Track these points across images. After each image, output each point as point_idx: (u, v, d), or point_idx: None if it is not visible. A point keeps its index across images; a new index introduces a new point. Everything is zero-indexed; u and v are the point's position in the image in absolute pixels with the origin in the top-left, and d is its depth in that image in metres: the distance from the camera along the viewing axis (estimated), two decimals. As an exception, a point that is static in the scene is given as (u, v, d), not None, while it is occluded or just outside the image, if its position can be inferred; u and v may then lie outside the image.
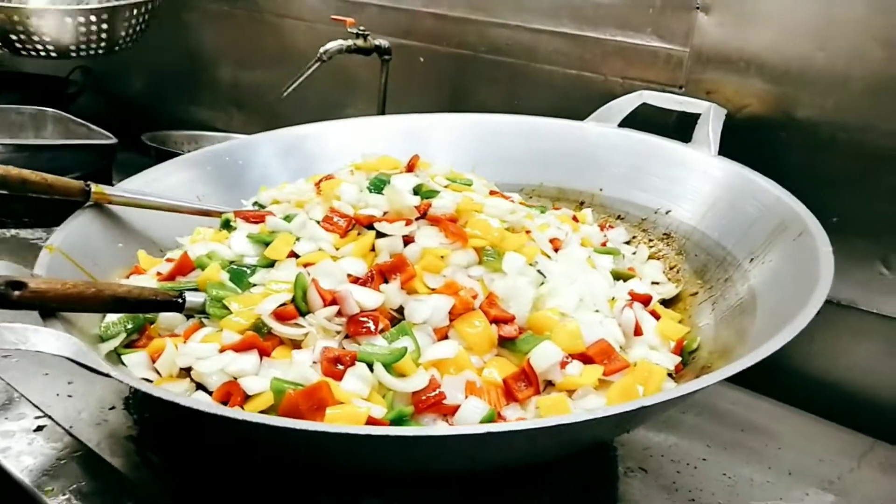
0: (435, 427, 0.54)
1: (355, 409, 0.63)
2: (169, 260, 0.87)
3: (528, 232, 0.87)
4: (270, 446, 0.62)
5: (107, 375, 0.59)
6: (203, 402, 0.62)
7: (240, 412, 0.54)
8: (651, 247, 1.02)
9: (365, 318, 0.73)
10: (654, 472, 0.82)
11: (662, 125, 1.15)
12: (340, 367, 0.68)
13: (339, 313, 0.73)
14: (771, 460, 0.86)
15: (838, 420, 0.95)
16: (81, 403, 0.84)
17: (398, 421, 0.64)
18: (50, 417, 0.80)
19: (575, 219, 1.04)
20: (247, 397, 0.67)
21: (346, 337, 0.74)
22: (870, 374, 1.02)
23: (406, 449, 0.53)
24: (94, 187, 0.91)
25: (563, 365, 0.72)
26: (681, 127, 1.13)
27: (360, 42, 1.40)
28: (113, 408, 0.84)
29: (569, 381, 0.71)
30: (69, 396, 0.85)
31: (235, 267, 0.81)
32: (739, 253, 0.88)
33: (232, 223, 0.94)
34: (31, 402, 0.82)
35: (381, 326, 0.72)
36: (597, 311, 0.80)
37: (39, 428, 0.79)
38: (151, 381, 0.71)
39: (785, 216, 0.84)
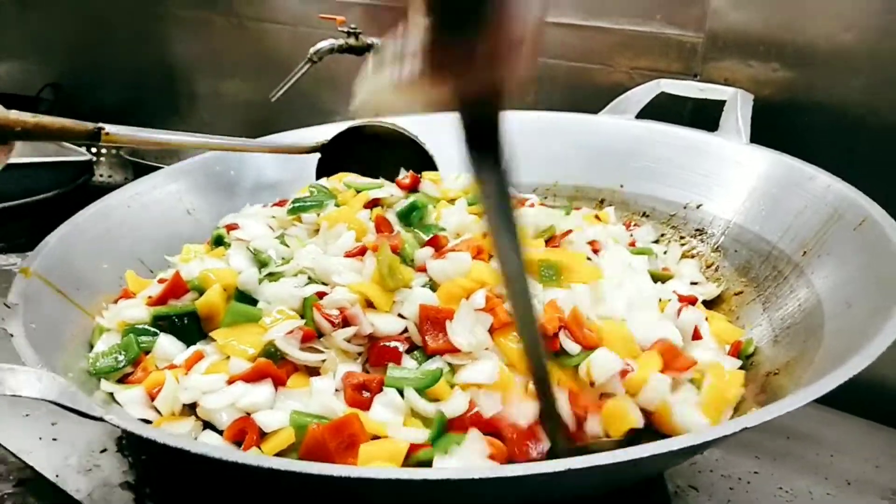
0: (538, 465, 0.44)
1: (394, 443, 0.54)
2: (161, 281, 0.78)
3: (564, 235, 0.79)
4: (303, 495, 0.53)
5: (100, 419, 0.50)
6: (219, 448, 0.53)
7: (268, 459, 0.45)
8: (683, 244, 0.95)
9: (389, 343, 0.64)
10: (706, 490, 0.76)
11: (676, 118, 1.08)
12: (366, 394, 0.60)
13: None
14: (826, 470, 0.80)
15: (885, 422, 0.88)
16: (68, 448, 0.74)
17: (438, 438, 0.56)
18: (32, 469, 0.70)
19: (597, 218, 0.96)
20: (263, 434, 0.58)
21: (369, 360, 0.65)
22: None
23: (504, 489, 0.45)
24: (105, 128, 0.79)
25: (624, 374, 0.64)
26: (695, 120, 1.07)
27: (351, 41, 1.32)
28: (104, 451, 0.74)
29: (631, 383, 0.63)
30: (54, 440, 0.76)
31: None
32: (787, 246, 0.81)
33: (225, 239, 0.85)
34: (8, 450, 0.72)
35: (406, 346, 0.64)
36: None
37: (21, 482, 0.69)
38: (150, 422, 0.62)
39: (838, 204, 0.77)
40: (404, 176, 0.95)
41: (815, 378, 0.55)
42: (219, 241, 0.86)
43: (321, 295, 0.69)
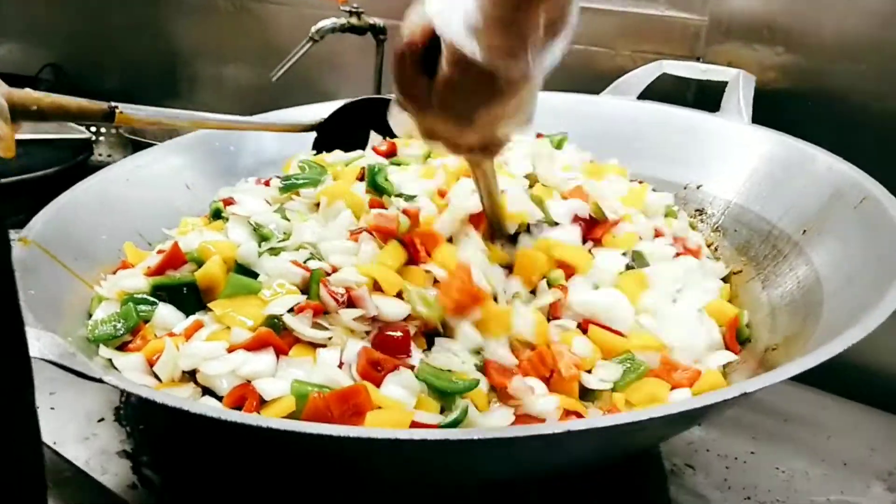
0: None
1: (401, 412, 0.55)
2: (160, 252, 0.77)
3: (613, 225, 0.80)
4: (301, 460, 0.53)
5: (99, 381, 0.50)
6: (217, 409, 0.53)
7: (267, 419, 0.45)
8: (684, 224, 0.95)
9: (395, 333, 0.64)
10: (703, 469, 0.77)
11: (680, 102, 1.08)
12: (380, 370, 0.60)
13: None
14: (822, 451, 0.80)
15: (881, 406, 0.88)
16: (66, 416, 0.75)
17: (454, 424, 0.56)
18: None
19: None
20: (263, 402, 0.58)
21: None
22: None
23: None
24: (119, 108, 0.80)
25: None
26: (699, 104, 1.07)
27: (353, 20, 1.32)
28: (102, 420, 0.75)
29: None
30: (52, 409, 0.76)
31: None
32: (788, 226, 0.81)
33: (223, 213, 0.85)
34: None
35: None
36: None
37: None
38: (150, 387, 0.62)
39: (840, 184, 0.78)
40: (381, 142, 0.95)
41: (813, 350, 0.55)
42: (217, 215, 0.86)
43: (329, 272, 0.69)
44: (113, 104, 0.79)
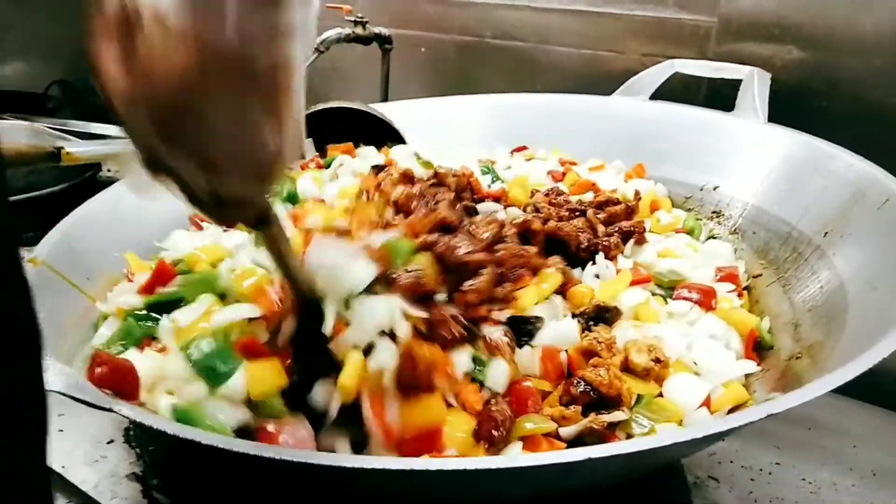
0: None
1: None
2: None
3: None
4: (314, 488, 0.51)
5: (108, 410, 0.48)
6: (228, 440, 0.51)
7: (278, 450, 0.43)
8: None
9: None
10: (727, 481, 0.74)
11: (690, 103, 1.06)
12: None
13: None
14: (849, 460, 0.77)
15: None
16: (75, 438, 0.73)
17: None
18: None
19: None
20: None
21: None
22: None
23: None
24: (65, 149, 0.80)
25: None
26: (710, 105, 1.05)
27: (358, 30, 1.30)
28: (111, 442, 0.73)
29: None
30: (60, 431, 0.74)
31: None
32: (808, 228, 0.79)
33: None
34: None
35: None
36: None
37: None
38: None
39: (860, 183, 0.75)
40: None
41: (841, 363, 0.53)
42: None
43: None
44: (58, 145, 0.78)
